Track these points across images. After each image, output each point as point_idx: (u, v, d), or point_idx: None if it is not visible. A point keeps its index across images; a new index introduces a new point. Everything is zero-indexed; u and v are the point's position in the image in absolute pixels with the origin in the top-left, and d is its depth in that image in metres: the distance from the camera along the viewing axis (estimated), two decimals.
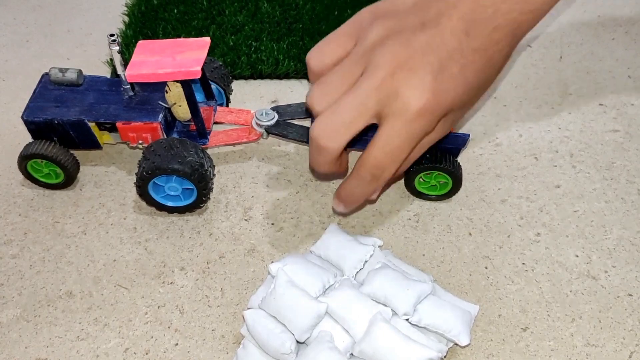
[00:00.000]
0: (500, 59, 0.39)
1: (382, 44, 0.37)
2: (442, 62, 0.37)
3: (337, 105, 0.38)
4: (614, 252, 0.50)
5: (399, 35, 0.37)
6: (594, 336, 0.45)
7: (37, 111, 0.52)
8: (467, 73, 0.38)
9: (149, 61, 0.49)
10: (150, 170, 0.49)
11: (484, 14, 0.36)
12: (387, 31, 0.38)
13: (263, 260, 0.50)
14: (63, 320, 0.46)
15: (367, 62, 0.38)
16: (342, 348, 0.40)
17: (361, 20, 0.40)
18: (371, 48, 0.38)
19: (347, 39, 0.40)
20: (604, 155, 0.57)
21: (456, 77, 0.37)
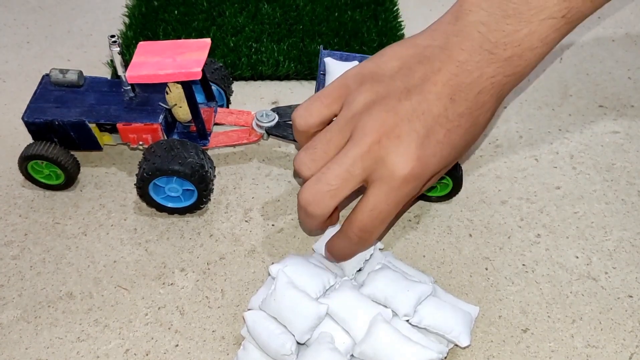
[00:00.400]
0: (485, 120, 0.39)
1: (368, 111, 0.38)
2: (428, 128, 0.37)
3: (323, 173, 0.38)
4: (614, 254, 0.50)
5: (385, 102, 0.38)
6: (595, 337, 0.45)
7: (38, 112, 0.52)
8: (452, 137, 0.38)
9: (149, 62, 0.49)
10: (151, 171, 0.49)
11: (468, 78, 0.37)
12: (373, 96, 0.38)
13: (263, 262, 0.50)
14: (63, 322, 0.46)
15: (353, 127, 0.38)
16: (342, 349, 0.40)
17: (348, 83, 0.40)
18: (358, 113, 0.38)
19: (333, 100, 0.41)
20: (604, 156, 0.58)
21: (442, 142, 0.38)
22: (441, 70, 0.37)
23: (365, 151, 0.37)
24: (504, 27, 0.36)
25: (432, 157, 0.38)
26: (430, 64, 0.38)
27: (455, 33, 0.38)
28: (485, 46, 0.37)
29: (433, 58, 0.38)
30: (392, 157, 0.37)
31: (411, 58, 0.39)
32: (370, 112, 0.38)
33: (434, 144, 0.38)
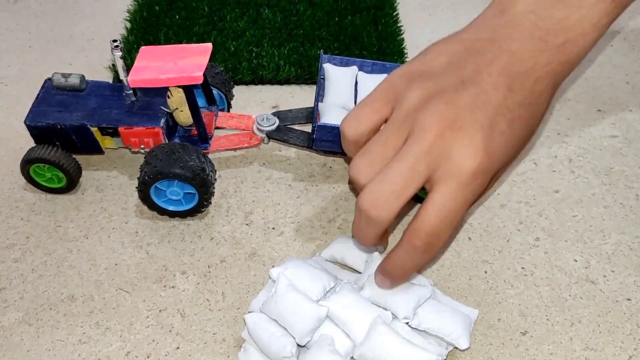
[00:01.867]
0: (543, 110, 0.38)
1: (424, 106, 0.36)
2: (490, 119, 0.35)
3: (385, 174, 0.36)
4: (613, 257, 0.50)
5: (440, 95, 0.36)
6: (593, 340, 0.45)
7: (40, 116, 0.52)
8: (515, 127, 0.36)
9: (151, 66, 0.50)
10: (152, 174, 0.49)
11: (523, 67, 0.36)
12: (427, 92, 0.36)
13: (264, 265, 0.50)
14: (65, 324, 0.46)
15: (411, 126, 0.36)
16: (342, 351, 0.41)
17: (394, 84, 0.38)
18: (413, 111, 0.36)
19: (382, 105, 0.38)
20: (603, 160, 0.58)
21: (505, 133, 0.36)
22: (494, 62, 0.36)
23: (428, 147, 0.35)
24: (554, 13, 0.35)
25: (498, 149, 0.36)
26: (481, 56, 0.36)
27: (503, 25, 0.36)
28: (537, 34, 0.35)
29: (483, 50, 0.36)
30: (457, 150, 0.35)
31: (459, 53, 0.37)
32: (428, 107, 0.35)
33: (498, 135, 0.35)
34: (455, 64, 0.37)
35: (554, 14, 0.35)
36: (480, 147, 0.35)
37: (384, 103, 0.38)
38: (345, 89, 0.57)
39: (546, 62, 0.36)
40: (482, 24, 0.37)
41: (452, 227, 0.36)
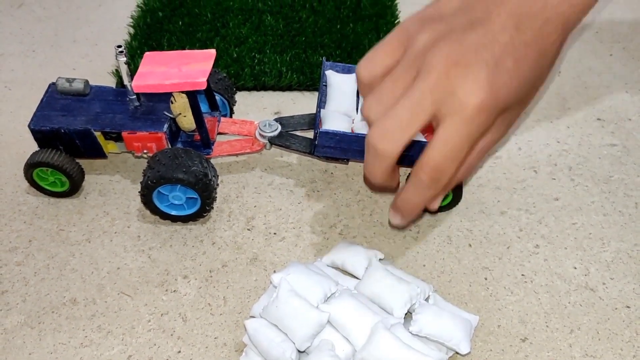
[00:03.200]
0: (552, 53, 0.38)
1: (433, 46, 0.37)
2: (495, 57, 0.36)
3: (393, 109, 0.37)
4: (612, 265, 0.51)
5: (449, 36, 0.37)
6: (592, 347, 0.46)
7: (44, 120, 0.52)
8: (521, 67, 0.37)
9: (155, 72, 0.50)
10: (155, 179, 0.49)
11: (533, 8, 0.36)
12: (436, 34, 0.37)
13: (265, 270, 0.50)
14: (67, 327, 0.46)
15: (419, 65, 0.37)
16: (342, 357, 0.41)
17: (407, 28, 0.39)
18: (422, 51, 0.37)
19: (395, 48, 0.39)
20: (602, 168, 0.58)
21: (511, 71, 0.37)
22: (503, 3, 0.36)
23: (434, 83, 0.36)
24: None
25: (503, 86, 0.36)
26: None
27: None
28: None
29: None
30: (462, 86, 0.36)
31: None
32: (435, 47, 0.37)
33: (504, 73, 0.36)
34: (466, 6, 0.38)
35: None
36: (485, 84, 0.36)
37: (397, 46, 0.39)
38: (346, 95, 0.57)
39: (556, 4, 0.36)
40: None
41: (456, 161, 0.37)
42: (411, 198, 0.40)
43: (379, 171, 0.39)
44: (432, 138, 0.37)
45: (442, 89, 0.36)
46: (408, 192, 0.40)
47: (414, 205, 0.41)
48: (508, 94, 0.37)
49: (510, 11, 0.36)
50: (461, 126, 0.36)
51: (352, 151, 0.53)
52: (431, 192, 0.39)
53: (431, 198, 0.41)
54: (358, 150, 0.53)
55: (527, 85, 0.38)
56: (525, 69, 0.37)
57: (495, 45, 0.36)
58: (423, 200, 0.41)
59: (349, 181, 0.57)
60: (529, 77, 0.38)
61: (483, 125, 0.37)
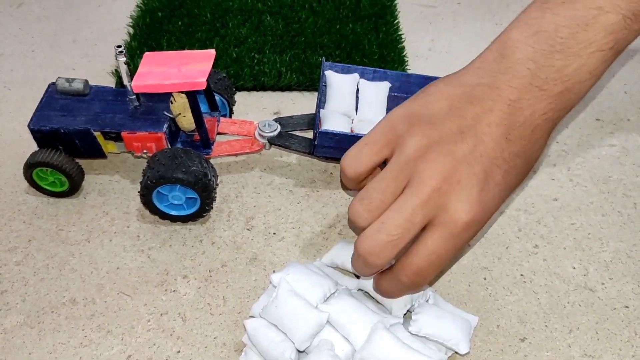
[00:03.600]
0: (537, 156, 0.39)
1: (423, 156, 0.37)
2: (486, 171, 0.36)
3: (383, 223, 0.37)
4: (611, 265, 0.51)
5: (439, 146, 0.37)
6: (591, 347, 0.46)
7: (44, 120, 0.52)
8: (509, 178, 0.38)
9: (155, 72, 0.50)
10: (155, 179, 0.49)
11: (521, 117, 0.36)
12: (425, 140, 0.37)
13: (265, 269, 0.50)
14: (66, 327, 0.46)
15: (410, 174, 0.37)
16: (342, 356, 0.41)
17: (395, 126, 0.39)
18: (413, 160, 0.37)
19: (382, 146, 0.39)
20: (601, 169, 0.58)
21: (500, 184, 0.37)
22: (493, 111, 0.36)
23: (426, 199, 0.36)
24: (553, 62, 0.35)
25: (491, 200, 0.37)
26: (480, 104, 0.37)
27: (503, 71, 0.37)
28: (536, 83, 0.36)
29: (483, 97, 0.37)
30: (454, 204, 0.36)
31: (460, 98, 0.38)
32: (427, 158, 0.37)
33: (493, 187, 0.37)
34: (456, 110, 0.38)
35: (553, 63, 0.36)
36: (476, 202, 0.36)
37: (384, 145, 0.39)
38: (346, 96, 0.57)
39: (544, 111, 0.36)
40: (482, 69, 0.38)
41: (438, 269, 0.39)
42: (391, 290, 0.42)
43: (367, 274, 0.41)
44: (418, 242, 0.38)
45: (433, 204, 0.36)
46: (389, 284, 0.41)
47: (392, 294, 0.42)
48: (495, 206, 0.38)
49: (499, 120, 0.36)
50: (450, 240, 0.37)
51: None
52: (410, 291, 0.41)
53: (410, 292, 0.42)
54: None
55: (510, 192, 0.39)
56: (512, 179, 0.38)
57: (486, 158, 0.37)
58: (403, 294, 0.42)
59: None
60: (513, 185, 0.39)
61: (469, 238, 0.38)
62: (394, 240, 0.37)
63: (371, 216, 0.38)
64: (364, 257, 0.38)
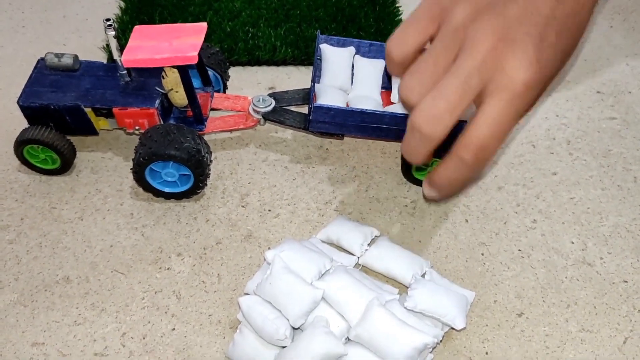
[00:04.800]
0: (586, 22, 0.37)
1: (474, 20, 0.35)
2: (540, 30, 0.35)
3: (438, 90, 0.35)
4: (610, 239, 0.50)
5: (489, 8, 0.35)
6: (589, 322, 0.45)
7: (33, 96, 0.51)
8: (562, 39, 0.36)
9: (145, 46, 0.49)
10: (147, 156, 0.49)
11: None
12: (474, 6, 0.35)
13: (260, 246, 0.50)
14: (60, 305, 0.46)
15: (461, 41, 0.35)
16: (337, 333, 0.41)
17: (439, 1, 0.37)
18: (462, 26, 0.35)
19: (428, 23, 0.37)
20: (601, 142, 0.58)
21: (554, 45, 0.35)
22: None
23: (481, 60, 0.34)
24: None
25: (548, 61, 0.35)
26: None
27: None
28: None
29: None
30: (511, 62, 0.34)
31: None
32: (477, 21, 0.35)
33: (548, 48, 0.35)
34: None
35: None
36: (534, 59, 0.34)
37: (429, 20, 0.37)
38: (341, 70, 0.56)
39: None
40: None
41: (502, 140, 0.36)
42: (453, 176, 0.38)
43: (422, 153, 0.38)
44: (477, 115, 0.35)
45: (489, 66, 0.35)
46: (449, 169, 0.38)
47: (456, 183, 0.39)
48: (552, 68, 0.36)
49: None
50: (511, 103, 0.35)
51: (348, 126, 0.52)
52: (474, 171, 0.38)
53: (473, 176, 0.39)
54: (353, 125, 0.52)
55: (566, 57, 0.37)
56: (566, 41, 0.36)
57: (538, 17, 0.35)
58: (466, 179, 0.39)
59: (344, 157, 0.56)
60: (567, 49, 0.37)
61: (530, 101, 0.36)
62: (451, 106, 0.35)
63: (424, 89, 0.36)
64: (420, 129, 0.36)
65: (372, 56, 0.57)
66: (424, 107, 0.36)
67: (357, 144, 0.57)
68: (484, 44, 0.35)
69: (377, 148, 0.57)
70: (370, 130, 0.53)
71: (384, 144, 0.57)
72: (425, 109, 0.36)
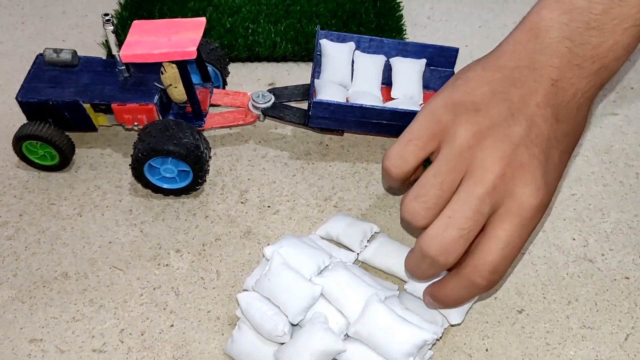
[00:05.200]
0: (580, 135, 0.38)
1: (479, 144, 0.35)
2: (545, 153, 0.35)
3: (451, 218, 0.35)
4: (611, 236, 0.50)
5: (493, 131, 0.35)
6: (590, 319, 0.45)
7: (32, 92, 0.51)
8: (564, 158, 0.37)
9: (143, 41, 0.49)
10: (146, 151, 0.48)
11: (566, 97, 0.35)
12: (476, 127, 0.36)
13: (259, 243, 0.49)
14: (58, 302, 0.46)
15: (467, 165, 0.35)
16: (336, 329, 0.40)
17: (438, 117, 0.37)
18: (467, 149, 0.35)
19: (428, 140, 0.37)
20: (603, 138, 0.57)
21: (558, 165, 0.36)
22: (538, 91, 0.35)
23: (492, 187, 0.35)
24: (589, 39, 0.35)
25: (553, 182, 0.36)
26: (524, 86, 0.36)
27: (540, 51, 0.35)
28: (575, 61, 0.35)
29: (525, 79, 0.36)
30: (521, 188, 0.35)
31: (502, 81, 0.36)
32: (483, 145, 0.35)
33: (553, 169, 0.36)
34: (500, 94, 0.36)
35: (589, 40, 0.35)
36: (541, 184, 0.35)
37: (429, 138, 0.37)
38: (341, 65, 0.56)
39: (585, 89, 0.36)
40: (518, 50, 0.37)
41: (511, 262, 0.37)
42: (460, 297, 0.38)
43: (429, 275, 0.38)
44: (488, 239, 0.35)
45: (500, 192, 0.35)
46: (457, 290, 0.38)
47: (460, 301, 0.39)
48: (556, 187, 0.37)
49: (546, 100, 0.35)
50: (522, 228, 0.35)
51: (347, 122, 0.52)
52: (483, 292, 0.38)
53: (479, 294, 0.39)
54: (353, 121, 0.52)
55: (563, 172, 0.38)
56: (566, 159, 0.37)
57: (542, 139, 0.35)
58: (473, 298, 0.39)
59: (344, 153, 0.56)
60: (565, 165, 0.38)
61: (538, 222, 0.36)
62: (465, 235, 0.35)
63: (430, 214, 0.36)
64: (434, 258, 0.36)
65: (372, 52, 0.56)
66: (436, 234, 0.35)
67: (357, 140, 0.57)
68: (493, 170, 0.35)
69: (378, 144, 0.56)
70: (370, 126, 0.52)
71: (384, 140, 0.57)
72: (437, 237, 0.35)
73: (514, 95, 0.36)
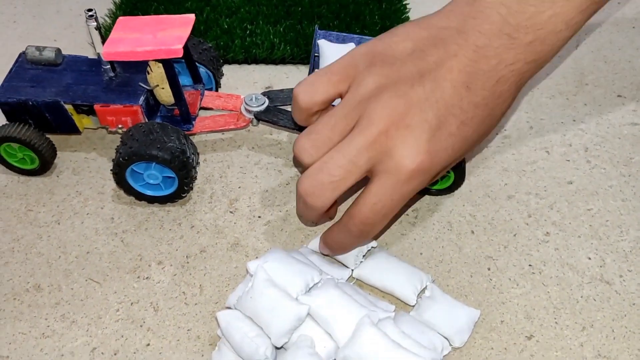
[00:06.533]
0: (502, 111, 0.37)
1: (377, 96, 0.35)
2: (440, 118, 0.35)
3: (325, 162, 0.36)
4: (630, 255, 0.46)
5: (395, 86, 0.35)
6: (606, 347, 0.41)
7: (11, 91, 0.48)
8: (466, 129, 0.36)
9: (127, 38, 0.46)
10: (127, 156, 0.45)
11: (486, 65, 0.34)
12: (383, 80, 0.36)
13: (247, 256, 0.46)
14: (28, 316, 0.42)
15: (360, 113, 0.36)
16: (323, 354, 0.37)
17: (356, 62, 0.37)
18: (366, 98, 0.36)
19: (340, 79, 0.38)
20: (622, 149, 0.53)
21: (454, 134, 0.35)
22: (457, 55, 0.34)
23: (372, 141, 0.35)
24: (526, 8, 0.33)
25: (442, 150, 0.35)
26: (445, 47, 0.35)
27: (473, 15, 0.35)
28: (506, 30, 0.34)
29: (449, 41, 0.35)
30: (399, 149, 0.35)
31: (425, 40, 0.36)
32: (380, 98, 0.35)
33: (445, 137, 0.35)
34: (419, 52, 0.36)
35: (526, 9, 0.33)
36: (423, 149, 0.35)
37: (342, 78, 0.38)
38: None
39: (512, 61, 0.34)
40: (453, 12, 0.36)
41: (385, 219, 0.37)
42: (341, 241, 0.40)
43: (310, 217, 0.39)
44: (364, 191, 0.36)
45: (379, 148, 0.35)
46: (338, 235, 0.40)
47: (343, 247, 0.41)
48: (446, 158, 0.36)
49: (462, 66, 0.34)
50: (394, 188, 0.35)
51: None
52: (360, 241, 0.40)
53: (360, 243, 0.41)
54: None
55: (468, 145, 0.37)
56: (469, 131, 0.36)
57: (442, 104, 0.35)
58: (353, 245, 0.41)
59: None
60: (472, 138, 0.36)
61: (417, 188, 0.36)
62: (335, 182, 0.36)
63: (316, 152, 0.37)
64: (304, 198, 0.37)
65: None
66: (309, 176, 0.36)
67: None
68: (377, 125, 0.35)
69: None
70: None
71: None
72: (308, 178, 0.36)
73: (432, 56, 0.35)
